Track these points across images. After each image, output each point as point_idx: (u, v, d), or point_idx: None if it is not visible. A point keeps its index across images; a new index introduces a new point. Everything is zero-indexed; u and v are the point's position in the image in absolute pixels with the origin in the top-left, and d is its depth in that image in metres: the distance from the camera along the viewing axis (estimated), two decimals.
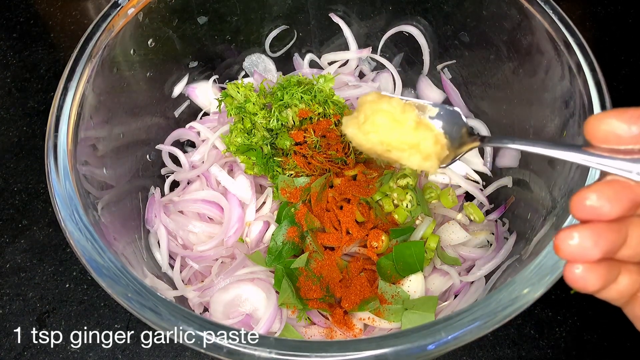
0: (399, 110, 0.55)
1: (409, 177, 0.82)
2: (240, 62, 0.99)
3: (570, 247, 0.38)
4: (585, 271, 0.39)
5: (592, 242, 0.38)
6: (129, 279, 0.55)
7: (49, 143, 0.62)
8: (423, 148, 0.55)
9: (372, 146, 0.56)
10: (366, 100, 0.57)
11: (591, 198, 0.39)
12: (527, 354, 0.82)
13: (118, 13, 0.71)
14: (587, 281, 0.39)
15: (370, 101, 0.56)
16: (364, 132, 0.56)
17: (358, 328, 0.74)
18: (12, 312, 0.86)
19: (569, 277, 0.40)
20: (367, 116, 0.56)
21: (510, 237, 0.78)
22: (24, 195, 0.98)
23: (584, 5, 1.18)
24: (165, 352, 0.83)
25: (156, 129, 0.89)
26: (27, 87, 1.11)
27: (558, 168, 0.68)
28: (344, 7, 0.93)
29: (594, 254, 0.38)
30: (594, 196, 0.39)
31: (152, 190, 0.85)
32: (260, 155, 0.83)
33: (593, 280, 0.39)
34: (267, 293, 0.73)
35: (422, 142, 0.55)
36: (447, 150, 0.56)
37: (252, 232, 0.83)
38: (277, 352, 0.49)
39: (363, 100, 0.58)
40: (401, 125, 0.55)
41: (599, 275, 0.39)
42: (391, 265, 0.76)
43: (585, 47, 0.65)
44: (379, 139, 0.55)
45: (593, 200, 0.38)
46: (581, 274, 0.39)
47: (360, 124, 0.56)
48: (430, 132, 0.55)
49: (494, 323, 0.51)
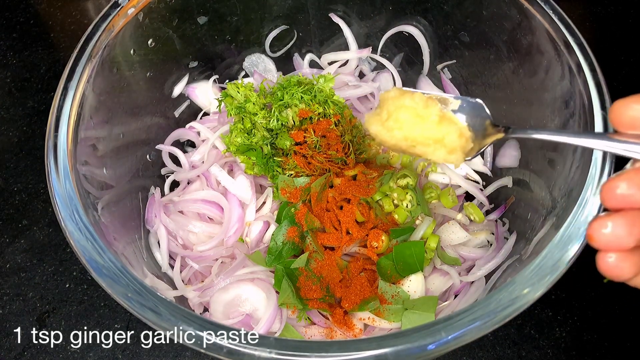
0: (421, 105, 0.55)
1: (409, 177, 0.82)
2: (240, 62, 0.99)
3: (604, 236, 0.38)
4: (619, 260, 0.39)
5: (626, 230, 0.38)
6: (129, 279, 0.55)
7: (49, 143, 0.62)
8: (448, 142, 0.54)
9: (396, 142, 0.56)
10: (388, 96, 0.57)
11: (621, 186, 0.38)
12: (527, 354, 0.82)
13: (118, 13, 0.71)
14: (622, 270, 0.39)
15: (393, 97, 0.56)
16: (387, 129, 0.56)
17: (358, 328, 0.74)
18: (12, 312, 0.86)
19: (603, 266, 0.39)
20: (390, 113, 0.55)
21: (510, 237, 0.78)
22: (24, 195, 0.98)
23: (584, 5, 1.18)
24: (165, 352, 0.83)
25: (156, 129, 0.89)
26: (27, 87, 1.11)
27: (558, 168, 0.68)
28: (344, 7, 0.93)
29: (628, 242, 0.38)
30: (624, 184, 0.38)
31: (152, 190, 0.85)
32: (260, 155, 0.83)
33: (627, 269, 0.39)
34: (267, 293, 0.73)
35: (446, 136, 0.54)
36: (471, 142, 0.56)
37: (252, 232, 0.83)
38: (277, 352, 0.49)
39: (385, 97, 0.57)
40: (425, 120, 0.54)
41: (632, 263, 0.39)
42: (391, 265, 0.76)
43: (585, 47, 0.65)
44: (403, 135, 0.55)
45: (624, 189, 0.38)
46: (615, 262, 0.39)
47: (384, 120, 0.56)
48: (455, 126, 0.55)
49: (494, 323, 0.51)
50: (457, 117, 0.56)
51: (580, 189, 0.57)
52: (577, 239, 0.54)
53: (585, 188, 0.57)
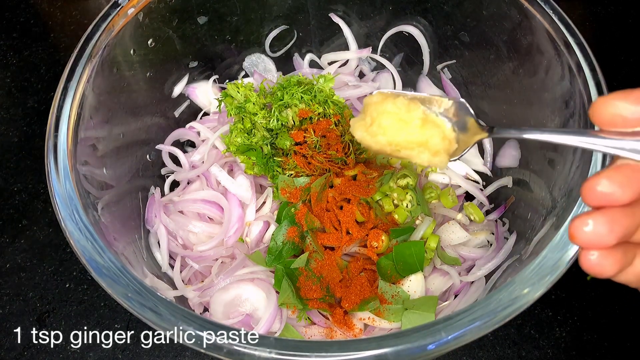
0: (404, 110, 0.55)
1: (409, 177, 0.82)
2: (240, 62, 0.99)
3: (585, 234, 0.38)
4: (601, 257, 0.39)
5: (607, 228, 0.38)
6: (129, 278, 0.55)
7: (49, 143, 0.62)
8: (431, 145, 0.55)
9: (381, 147, 0.56)
10: (371, 101, 0.57)
11: (602, 184, 0.38)
12: (527, 354, 0.82)
13: (118, 13, 0.71)
14: (603, 267, 0.39)
15: (375, 102, 0.56)
16: (371, 135, 0.56)
17: (358, 328, 0.74)
18: (12, 312, 0.86)
19: (585, 264, 0.39)
20: (374, 118, 0.56)
21: (510, 237, 0.78)
22: (24, 195, 0.98)
23: (584, 5, 1.18)
24: (165, 352, 0.83)
25: (156, 129, 0.89)
26: (27, 87, 1.11)
27: (558, 168, 0.68)
28: (344, 7, 0.93)
29: (609, 240, 0.38)
30: (605, 182, 0.38)
31: (152, 190, 0.85)
32: (260, 155, 0.83)
33: (609, 266, 0.39)
34: (267, 293, 0.73)
35: (429, 139, 0.55)
36: (455, 144, 0.56)
37: (252, 232, 0.83)
38: (277, 352, 0.48)
39: (368, 102, 0.58)
40: (407, 124, 0.55)
41: (614, 260, 0.39)
42: (391, 265, 0.76)
43: (585, 47, 0.65)
44: (387, 140, 0.55)
45: (604, 186, 0.38)
46: (597, 260, 0.39)
47: (367, 126, 0.56)
48: (437, 129, 0.55)
49: (494, 323, 0.51)
50: (441, 118, 0.56)
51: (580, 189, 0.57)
52: None
53: None
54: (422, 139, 0.55)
